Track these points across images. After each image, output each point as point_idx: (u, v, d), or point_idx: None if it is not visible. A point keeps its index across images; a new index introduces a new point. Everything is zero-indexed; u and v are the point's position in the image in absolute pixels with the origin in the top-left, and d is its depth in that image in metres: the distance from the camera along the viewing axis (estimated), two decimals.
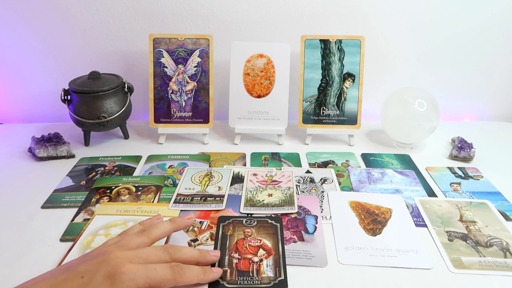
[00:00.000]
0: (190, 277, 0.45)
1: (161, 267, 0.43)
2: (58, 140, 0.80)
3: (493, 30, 0.95)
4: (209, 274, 0.48)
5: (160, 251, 0.46)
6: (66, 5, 0.88)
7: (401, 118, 0.81)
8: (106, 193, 0.67)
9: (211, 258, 0.50)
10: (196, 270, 0.46)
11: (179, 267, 0.45)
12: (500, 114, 1.07)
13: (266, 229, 0.57)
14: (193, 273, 0.46)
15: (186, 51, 0.85)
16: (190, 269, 0.46)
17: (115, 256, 0.42)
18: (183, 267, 0.45)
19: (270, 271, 0.50)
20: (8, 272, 0.50)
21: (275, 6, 0.90)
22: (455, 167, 0.78)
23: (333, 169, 0.76)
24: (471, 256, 0.54)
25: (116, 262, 0.41)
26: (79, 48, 0.93)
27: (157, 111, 0.86)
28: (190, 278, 0.45)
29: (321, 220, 0.61)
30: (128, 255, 0.43)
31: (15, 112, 1.01)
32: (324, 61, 0.85)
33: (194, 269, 0.46)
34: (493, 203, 0.65)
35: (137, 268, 0.41)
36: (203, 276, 0.47)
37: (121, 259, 0.41)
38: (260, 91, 0.85)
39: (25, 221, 0.60)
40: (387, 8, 0.91)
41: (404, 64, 0.98)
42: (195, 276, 0.46)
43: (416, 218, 0.62)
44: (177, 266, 0.45)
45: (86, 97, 0.79)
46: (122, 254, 0.42)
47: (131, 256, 0.43)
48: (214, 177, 0.72)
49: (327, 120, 0.86)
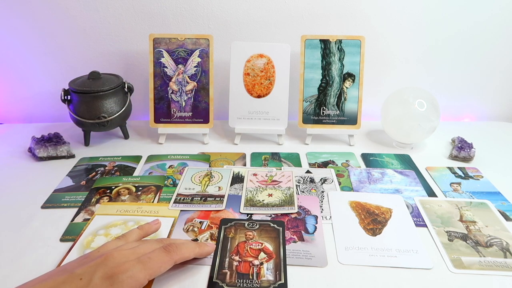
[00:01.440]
0: (186, 252, 0.46)
1: (154, 253, 0.44)
2: (58, 140, 0.80)
3: (493, 30, 0.95)
4: (203, 247, 0.49)
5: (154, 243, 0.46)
6: (66, 5, 0.88)
7: (401, 118, 0.81)
8: (106, 193, 0.67)
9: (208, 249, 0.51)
10: (191, 244, 0.47)
11: (173, 246, 0.45)
12: (500, 114, 1.07)
13: (268, 232, 0.57)
14: (189, 248, 0.47)
15: (186, 51, 0.85)
16: (185, 245, 0.46)
17: (112, 257, 0.42)
18: (177, 245, 0.45)
19: (270, 275, 0.49)
20: (8, 272, 0.50)
21: (275, 6, 0.90)
22: (455, 167, 0.78)
23: (333, 169, 0.76)
24: (471, 256, 0.54)
25: (113, 262, 0.41)
26: (79, 48, 0.93)
27: (157, 111, 0.86)
28: (187, 253, 0.46)
29: (321, 220, 0.61)
30: (125, 254, 0.43)
31: (15, 112, 1.01)
32: (324, 61, 0.85)
33: (188, 244, 0.47)
34: (493, 203, 0.65)
35: (132, 265, 0.41)
36: (199, 250, 0.48)
37: (118, 259, 0.42)
38: (260, 91, 0.85)
39: (25, 221, 0.60)
40: (387, 8, 0.91)
41: (404, 64, 0.98)
42: (191, 250, 0.47)
43: (416, 218, 0.62)
44: (170, 245, 0.45)
45: (86, 97, 0.79)
46: (119, 254, 0.42)
47: (128, 254, 0.43)
48: (214, 177, 0.72)
49: (327, 120, 0.86)
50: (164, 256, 0.43)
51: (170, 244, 0.45)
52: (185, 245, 0.47)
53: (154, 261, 0.43)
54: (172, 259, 0.44)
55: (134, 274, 0.40)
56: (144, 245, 0.45)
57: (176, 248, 0.45)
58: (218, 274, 0.49)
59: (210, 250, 0.51)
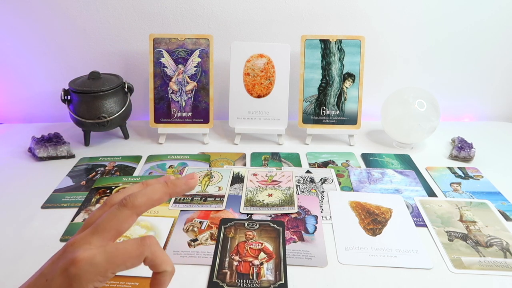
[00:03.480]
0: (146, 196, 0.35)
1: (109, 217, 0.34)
2: (58, 140, 0.80)
3: (493, 30, 0.95)
4: (175, 183, 0.37)
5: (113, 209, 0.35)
6: (66, 5, 0.88)
7: (401, 118, 0.81)
8: (106, 193, 0.67)
9: (183, 180, 0.38)
10: (157, 186, 0.36)
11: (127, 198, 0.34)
12: (500, 114, 1.07)
13: (268, 232, 0.57)
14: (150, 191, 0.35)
15: (186, 51, 0.85)
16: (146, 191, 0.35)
17: (71, 244, 0.33)
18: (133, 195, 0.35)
19: (270, 275, 0.49)
20: (8, 272, 0.50)
21: (275, 6, 0.90)
22: (455, 167, 0.78)
23: (333, 169, 0.76)
24: (471, 256, 0.54)
25: (72, 250, 0.33)
26: (79, 48, 0.93)
27: (157, 111, 0.86)
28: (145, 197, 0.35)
29: (321, 220, 0.61)
30: (86, 236, 0.34)
31: (15, 112, 1.01)
32: (324, 61, 0.85)
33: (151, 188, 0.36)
34: (493, 203, 0.65)
35: (94, 254, 0.32)
36: (168, 189, 0.36)
37: (77, 245, 0.33)
38: (260, 91, 0.85)
39: (25, 221, 0.60)
40: (387, 8, 0.91)
41: (404, 64, 0.98)
42: (155, 192, 0.36)
43: (416, 218, 0.62)
44: (124, 199, 0.34)
45: (86, 97, 0.79)
46: (82, 239, 0.34)
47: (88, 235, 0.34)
48: (214, 177, 0.72)
49: (327, 120, 0.86)
50: (120, 213, 0.34)
51: (125, 198, 0.34)
52: (148, 190, 0.35)
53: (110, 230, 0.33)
54: (133, 213, 0.34)
55: (93, 259, 0.32)
56: (102, 216, 0.35)
57: (132, 197, 0.34)
58: (218, 274, 0.49)
59: (189, 184, 0.38)
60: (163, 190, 0.36)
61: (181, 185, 0.38)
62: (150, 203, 0.35)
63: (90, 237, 0.34)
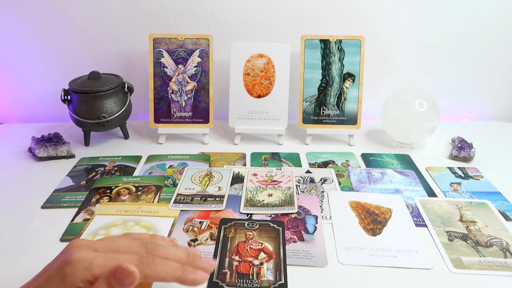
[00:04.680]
0: (163, 271, 0.36)
1: (126, 256, 0.36)
2: (58, 140, 0.80)
3: (493, 30, 0.95)
4: (189, 273, 0.38)
5: (136, 244, 0.38)
6: (66, 5, 0.88)
7: (401, 118, 0.81)
8: (106, 193, 0.67)
9: (201, 264, 0.40)
10: (173, 265, 0.37)
11: (150, 258, 0.36)
12: (500, 114, 1.07)
13: (268, 232, 0.57)
14: (168, 267, 0.37)
15: (186, 51, 0.85)
16: (165, 263, 0.37)
17: (72, 245, 0.35)
18: (155, 259, 0.36)
19: (270, 275, 0.49)
20: (8, 272, 0.50)
21: (275, 6, 0.90)
22: (455, 167, 0.78)
23: (333, 169, 0.76)
24: (471, 256, 0.54)
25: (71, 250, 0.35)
26: (79, 48, 0.93)
27: (157, 111, 0.86)
28: (163, 273, 0.36)
29: (321, 220, 0.61)
30: (94, 243, 0.37)
31: (15, 112, 1.01)
32: (324, 61, 0.85)
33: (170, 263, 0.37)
34: (493, 203, 0.65)
35: (94, 256, 0.34)
36: (181, 274, 0.37)
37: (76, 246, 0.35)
38: (260, 91, 0.85)
39: (25, 221, 0.60)
40: (387, 8, 0.91)
41: (404, 64, 0.98)
42: (170, 272, 0.37)
43: (416, 218, 0.62)
44: (148, 257, 0.36)
45: (86, 97, 0.79)
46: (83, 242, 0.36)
47: (98, 244, 0.37)
48: (214, 177, 0.72)
49: (327, 120, 0.86)
50: (134, 265, 0.35)
51: (149, 256, 0.36)
52: (167, 263, 0.37)
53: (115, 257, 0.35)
54: (142, 272, 0.35)
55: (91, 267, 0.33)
56: (121, 241, 0.38)
57: (152, 262, 0.36)
58: (218, 274, 0.49)
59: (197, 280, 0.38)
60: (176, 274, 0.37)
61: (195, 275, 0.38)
62: (161, 276, 0.36)
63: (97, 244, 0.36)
